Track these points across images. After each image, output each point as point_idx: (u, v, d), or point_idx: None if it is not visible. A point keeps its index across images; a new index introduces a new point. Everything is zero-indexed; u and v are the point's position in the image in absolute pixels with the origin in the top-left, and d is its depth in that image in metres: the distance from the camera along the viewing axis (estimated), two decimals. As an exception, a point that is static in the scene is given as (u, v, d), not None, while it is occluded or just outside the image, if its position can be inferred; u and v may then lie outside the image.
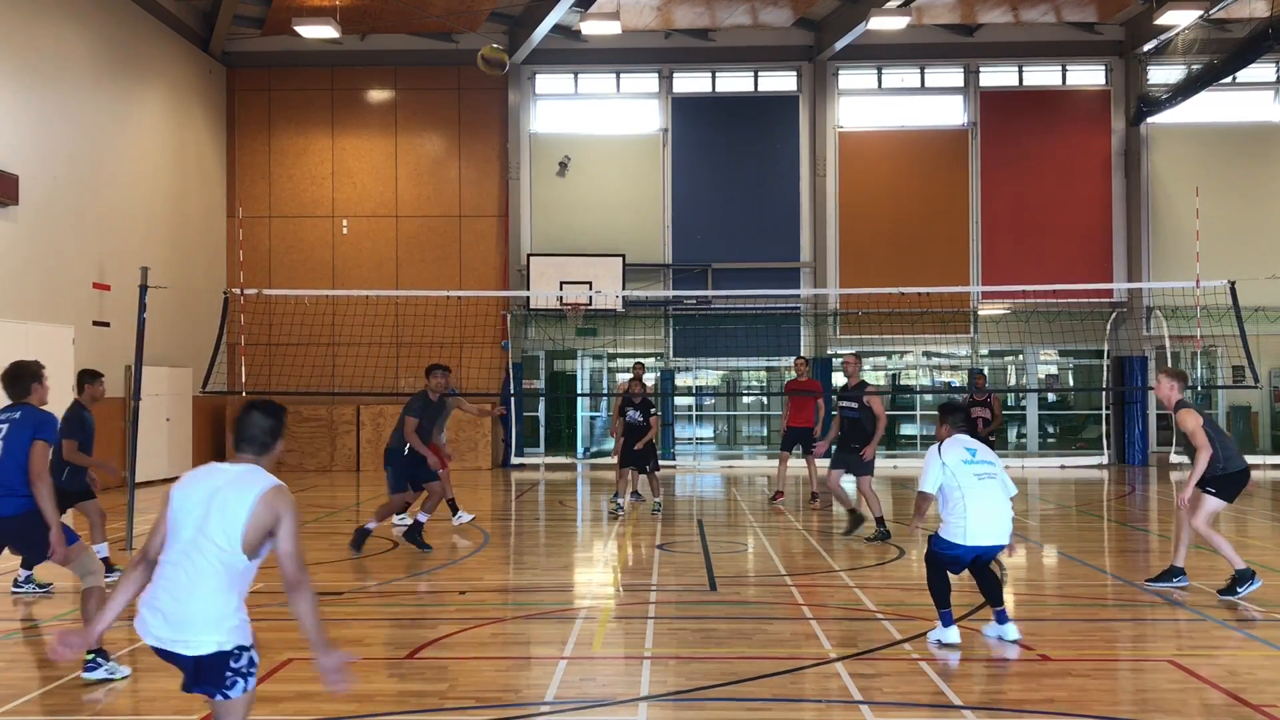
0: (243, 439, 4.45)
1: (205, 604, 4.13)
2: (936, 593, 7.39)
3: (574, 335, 24.56)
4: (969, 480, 7.32)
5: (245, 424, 4.45)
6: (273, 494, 4.25)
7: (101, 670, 6.51)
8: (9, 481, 6.62)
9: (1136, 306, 24.30)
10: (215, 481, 4.28)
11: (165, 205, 21.54)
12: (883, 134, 25.25)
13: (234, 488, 4.24)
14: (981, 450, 7.55)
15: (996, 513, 7.30)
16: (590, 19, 22.26)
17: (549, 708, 6.02)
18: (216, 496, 4.22)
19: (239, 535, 4.17)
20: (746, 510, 15.44)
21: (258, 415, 4.46)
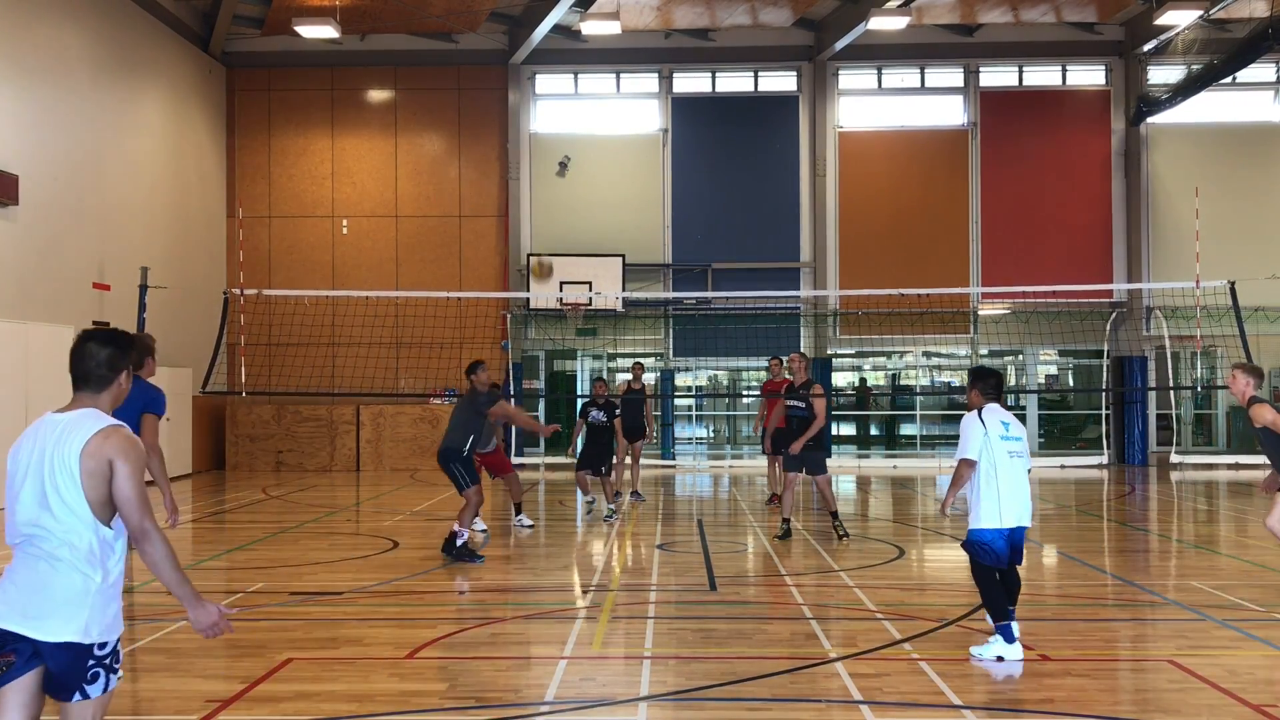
0: (79, 375, 3.95)
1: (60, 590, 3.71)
2: (992, 601, 6.98)
3: (574, 335, 24.56)
4: (1002, 456, 7.03)
5: (81, 357, 3.94)
6: (100, 437, 3.77)
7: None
8: None
9: (1136, 306, 24.30)
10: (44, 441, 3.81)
11: (165, 205, 21.54)
12: (883, 134, 25.25)
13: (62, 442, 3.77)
14: (1014, 424, 7.24)
15: (1024, 492, 7.08)
16: (590, 19, 22.27)
17: (549, 708, 6.02)
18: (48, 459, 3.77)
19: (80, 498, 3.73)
20: (746, 510, 15.44)
21: (94, 346, 3.95)
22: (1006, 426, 7.13)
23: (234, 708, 5.97)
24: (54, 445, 3.77)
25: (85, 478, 3.73)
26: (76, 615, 3.69)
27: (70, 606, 3.69)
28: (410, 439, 22.80)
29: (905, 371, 27.39)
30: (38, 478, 3.77)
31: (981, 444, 7.05)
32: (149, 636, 7.64)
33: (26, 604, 3.69)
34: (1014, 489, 7.03)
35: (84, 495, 3.73)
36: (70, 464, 3.73)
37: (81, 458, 3.73)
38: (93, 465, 3.74)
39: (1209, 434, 25.78)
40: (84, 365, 3.94)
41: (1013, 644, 6.88)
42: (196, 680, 6.57)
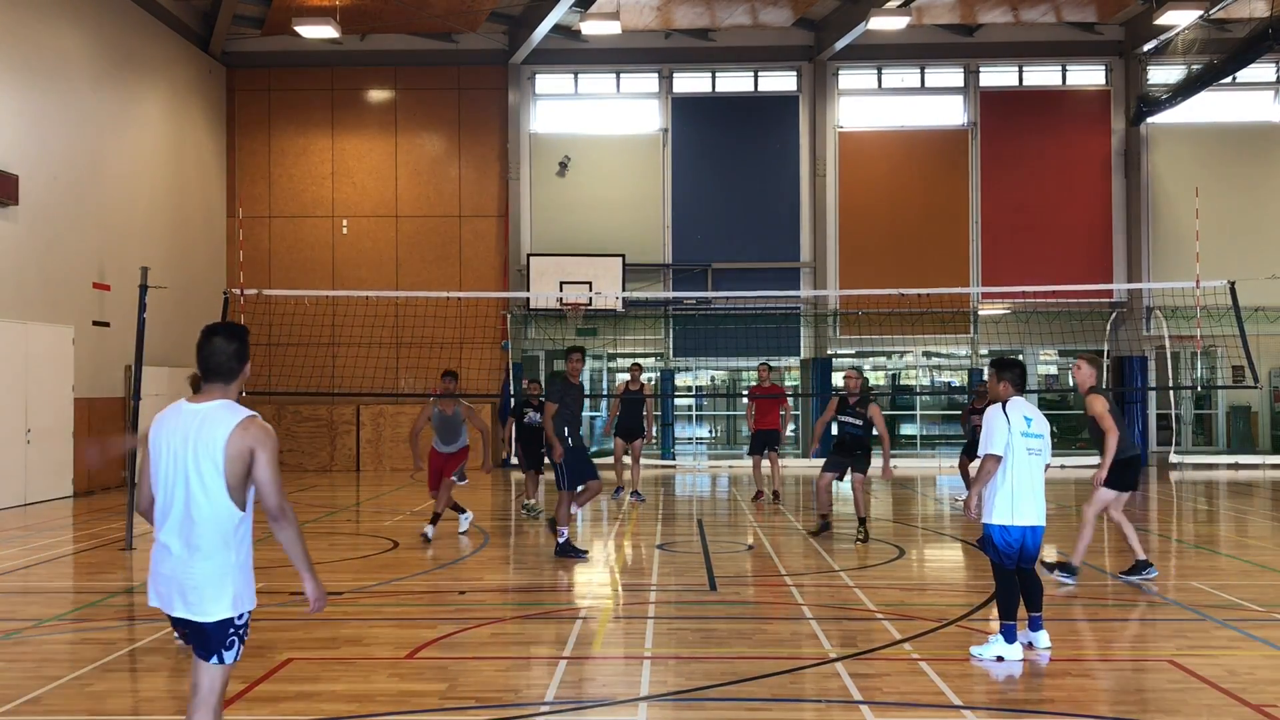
0: (208, 368, 4.27)
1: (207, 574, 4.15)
2: (1005, 601, 6.99)
3: (574, 335, 24.55)
4: (1020, 454, 6.94)
5: (208, 351, 4.25)
6: (241, 428, 4.14)
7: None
8: None
9: (1136, 306, 24.30)
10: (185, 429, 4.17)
11: (165, 205, 21.54)
12: (883, 134, 25.25)
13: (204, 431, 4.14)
14: (1038, 420, 7.11)
15: (1039, 491, 7.00)
16: (590, 19, 22.26)
17: (549, 708, 6.02)
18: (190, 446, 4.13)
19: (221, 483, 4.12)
20: (746, 510, 15.43)
21: (220, 340, 4.26)
22: (1029, 422, 7.03)
23: (234, 708, 5.97)
24: (196, 434, 4.14)
25: (227, 464, 4.11)
26: (224, 594, 4.16)
27: (217, 588, 4.15)
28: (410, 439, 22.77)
29: (905, 371, 27.38)
30: (180, 464, 4.16)
31: (1007, 436, 6.94)
32: (149, 636, 7.64)
33: (183, 592, 4.15)
34: (1028, 487, 6.96)
35: (224, 481, 4.12)
36: (215, 452, 4.11)
37: (225, 446, 4.11)
38: (234, 453, 4.12)
39: (1209, 434, 25.78)
40: (214, 359, 4.25)
41: (1013, 644, 6.90)
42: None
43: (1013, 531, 6.95)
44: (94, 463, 10.06)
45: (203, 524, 4.14)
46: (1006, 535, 6.96)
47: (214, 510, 4.14)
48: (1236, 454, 23.93)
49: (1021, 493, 6.93)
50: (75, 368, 17.63)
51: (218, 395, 4.26)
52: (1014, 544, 6.98)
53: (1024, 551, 7.04)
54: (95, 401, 18.28)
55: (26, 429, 16.26)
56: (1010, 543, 6.97)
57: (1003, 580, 7.07)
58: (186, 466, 4.14)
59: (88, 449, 10.16)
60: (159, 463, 4.21)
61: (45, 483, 16.75)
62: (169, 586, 4.19)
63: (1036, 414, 7.15)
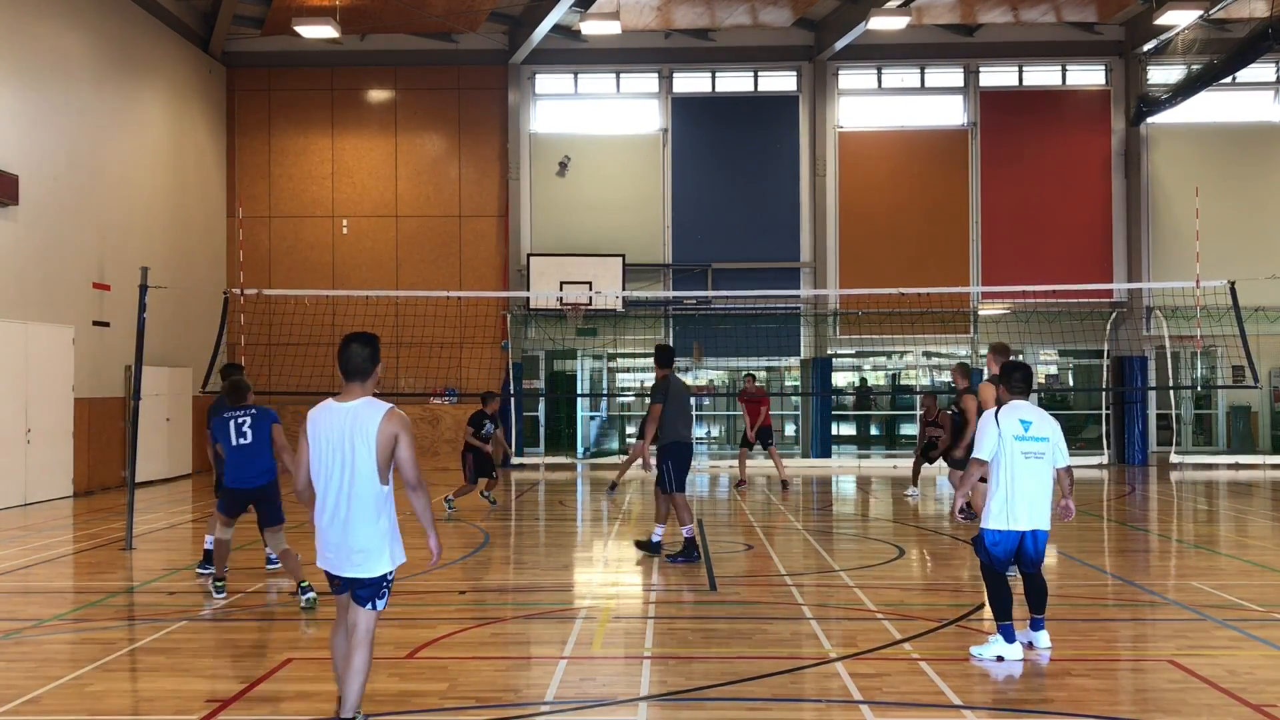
0: (348, 371, 5.20)
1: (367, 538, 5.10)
2: (997, 602, 6.95)
3: (574, 335, 24.56)
4: (1016, 458, 6.87)
5: (348, 356, 5.21)
6: (386, 418, 5.09)
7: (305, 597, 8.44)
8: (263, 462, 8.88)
9: (1136, 306, 24.30)
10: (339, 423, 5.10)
11: (165, 205, 21.53)
12: (883, 134, 25.25)
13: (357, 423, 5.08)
14: (1038, 424, 6.97)
15: (1038, 495, 6.92)
16: (590, 19, 22.26)
17: (549, 708, 6.02)
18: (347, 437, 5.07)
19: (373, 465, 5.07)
20: (746, 510, 15.43)
21: (356, 347, 5.23)
22: (1026, 426, 6.93)
23: (234, 708, 5.98)
24: (351, 425, 5.09)
25: (378, 448, 5.06)
26: (383, 553, 5.15)
27: (378, 549, 5.14)
28: (410, 439, 22.77)
29: (905, 371, 27.38)
30: (339, 451, 5.09)
31: (995, 444, 6.93)
32: (149, 636, 7.64)
33: (350, 555, 5.11)
34: (1025, 491, 6.88)
35: (375, 462, 5.06)
36: (368, 439, 5.06)
37: (377, 433, 5.06)
38: (383, 439, 5.07)
39: (1209, 434, 25.78)
40: (352, 362, 5.23)
41: (1013, 644, 6.90)
42: (196, 680, 6.57)
43: (1009, 535, 6.94)
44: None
45: (361, 499, 5.07)
46: (998, 539, 6.96)
47: (369, 487, 5.06)
48: (1236, 454, 23.93)
49: (1017, 497, 6.89)
50: (75, 368, 17.63)
51: (358, 393, 5.20)
52: (1008, 548, 6.96)
53: (1024, 555, 7.04)
54: (95, 401, 18.28)
55: (26, 429, 16.26)
56: (1002, 547, 6.96)
57: (992, 582, 7.05)
58: (344, 453, 5.06)
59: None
60: (319, 452, 5.13)
61: (45, 483, 16.74)
62: (338, 552, 5.13)
63: (1038, 416, 7.04)
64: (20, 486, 16.12)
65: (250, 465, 8.93)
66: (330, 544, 5.15)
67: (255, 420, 8.98)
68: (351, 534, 5.10)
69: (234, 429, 8.95)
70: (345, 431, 5.08)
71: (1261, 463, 22.97)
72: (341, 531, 5.10)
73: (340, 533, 5.10)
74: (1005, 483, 6.91)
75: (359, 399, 5.18)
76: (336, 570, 5.17)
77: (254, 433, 8.94)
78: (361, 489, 5.08)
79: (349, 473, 5.08)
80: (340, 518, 5.10)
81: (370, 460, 5.06)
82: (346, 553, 5.12)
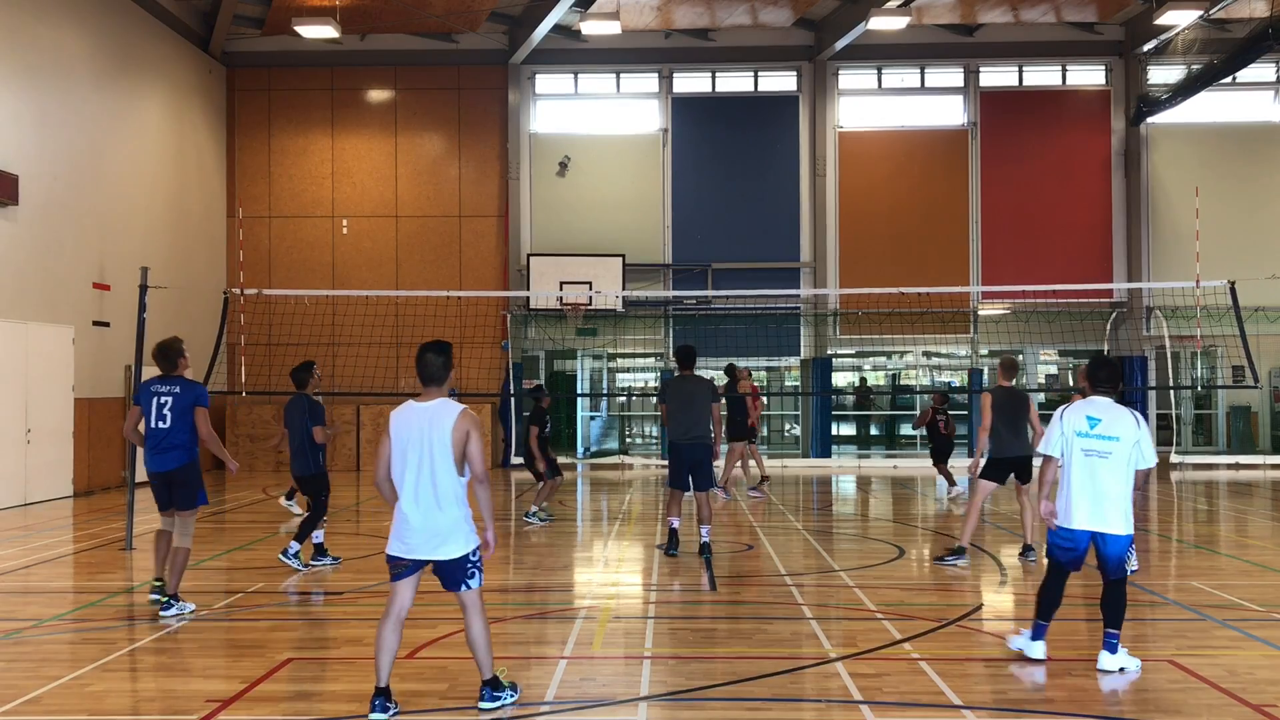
0: (426, 377, 5.83)
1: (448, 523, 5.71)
2: (1042, 598, 6.91)
3: (574, 335, 24.56)
4: (1075, 454, 6.75)
5: (425, 364, 5.83)
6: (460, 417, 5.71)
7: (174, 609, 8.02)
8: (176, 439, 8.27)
9: (1136, 306, 24.30)
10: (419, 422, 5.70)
11: (165, 205, 21.54)
12: (883, 134, 25.24)
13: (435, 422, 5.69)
14: (1108, 421, 6.76)
15: (1097, 492, 6.68)
16: (590, 19, 22.25)
17: (549, 708, 6.02)
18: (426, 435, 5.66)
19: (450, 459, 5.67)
20: (746, 510, 15.43)
21: (431, 355, 5.84)
22: (1092, 424, 6.78)
23: (234, 708, 5.98)
24: (430, 424, 5.71)
25: (454, 445, 5.69)
26: (461, 537, 5.75)
27: (456, 533, 5.73)
28: (410, 439, 22.77)
29: (905, 371, 27.38)
30: (420, 446, 5.69)
31: (1059, 440, 6.87)
32: (149, 636, 7.64)
33: (432, 539, 5.71)
34: (1084, 489, 6.72)
35: (452, 456, 5.68)
36: (445, 436, 5.69)
37: (452, 431, 5.69)
38: (458, 436, 5.70)
39: (1209, 434, 25.78)
40: (429, 369, 5.85)
41: (1036, 643, 6.88)
42: (196, 680, 6.57)
43: (1072, 534, 6.77)
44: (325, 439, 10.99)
45: (442, 489, 5.68)
46: (1056, 539, 6.86)
47: (448, 478, 5.67)
48: (1236, 454, 23.93)
49: (1077, 494, 6.73)
50: (75, 368, 17.63)
51: (435, 395, 5.83)
52: (1070, 544, 6.81)
53: (1100, 559, 6.81)
54: (95, 401, 18.28)
55: (26, 429, 16.26)
56: (1065, 542, 6.82)
57: (1049, 575, 6.95)
58: (423, 448, 5.67)
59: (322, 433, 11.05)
60: (404, 447, 5.71)
61: (45, 483, 16.75)
62: (419, 538, 5.69)
63: (1111, 414, 6.82)
64: (20, 486, 16.12)
65: (163, 447, 8.22)
66: (414, 530, 5.69)
67: (177, 400, 8.18)
68: (435, 520, 5.67)
69: (155, 407, 8.24)
70: (425, 429, 5.70)
71: (1261, 463, 22.96)
72: (425, 518, 5.67)
73: (424, 519, 5.67)
74: (1068, 480, 6.82)
75: (435, 400, 5.80)
76: (420, 554, 5.72)
77: (173, 415, 8.17)
78: (441, 479, 5.67)
79: (429, 465, 5.67)
80: (424, 506, 5.67)
81: (447, 454, 5.67)
82: (430, 537, 5.69)
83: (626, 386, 26.98)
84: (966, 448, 22.32)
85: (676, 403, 11.03)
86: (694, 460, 10.98)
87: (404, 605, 5.81)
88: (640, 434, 26.98)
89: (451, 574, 5.77)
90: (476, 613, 5.83)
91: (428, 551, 5.72)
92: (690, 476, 11.02)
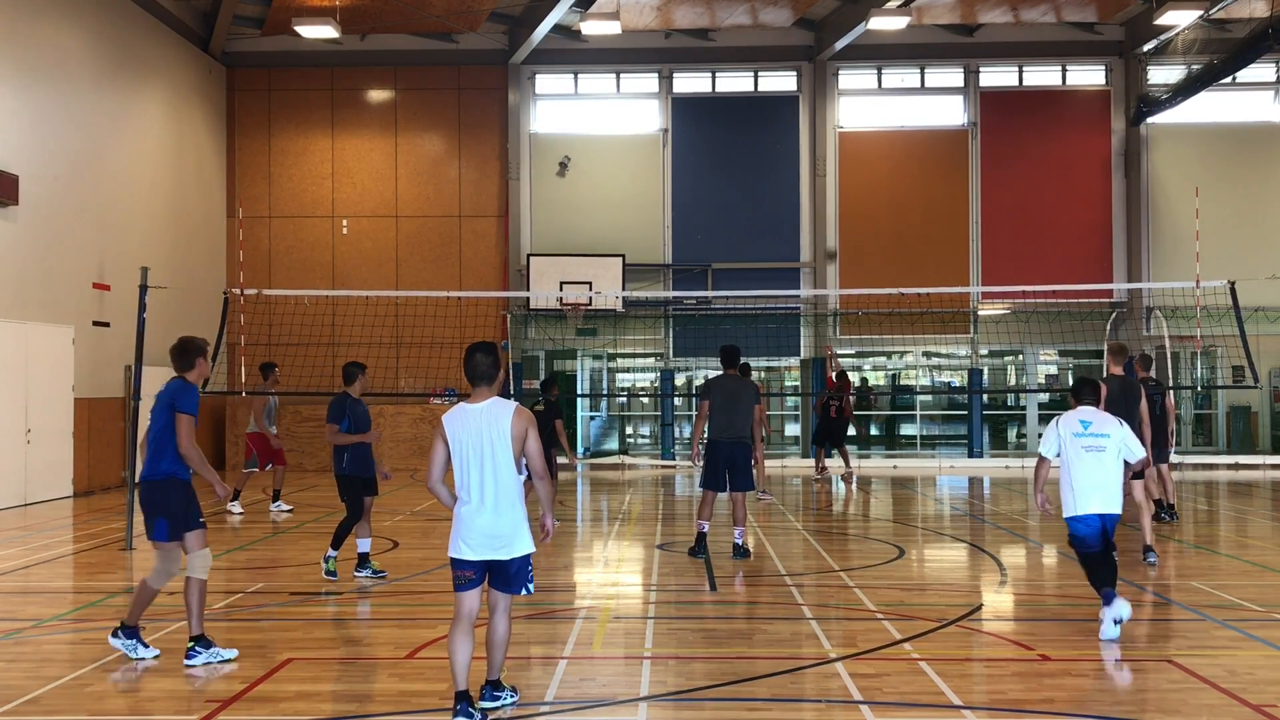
0: (475, 377, 5.76)
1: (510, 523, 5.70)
2: (1095, 578, 7.71)
3: (574, 335, 24.56)
4: (1076, 451, 7.80)
5: (474, 364, 5.76)
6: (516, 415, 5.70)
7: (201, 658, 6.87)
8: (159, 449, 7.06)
9: (1136, 306, 24.30)
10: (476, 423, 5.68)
11: (165, 205, 21.54)
12: (883, 134, 25.24)
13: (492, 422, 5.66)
14: (1099, 423, 7.89)
15: (1101, 481, 7.76)
16: (590, 19, 22.25)
17: (549, 708, 6.02)
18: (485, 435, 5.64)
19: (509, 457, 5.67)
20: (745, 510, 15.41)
21: (480, 356, 5.78)
22: (1085, 426, 7.88)
23: (234, 708, 5.98)
24: (487, 424, 5.67)
25: (513, 442, 5.67)
26: (524, 535, 5.73)
27: (519, 533, 5.71)
28: (410, 439, 22.79)
29: (905, 371, 27.38)
30: (479, 447, 5.66)
31: (1055, 443, 7.92)
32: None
33: (493, 539, 5.67)
34: (1088, 479, 7.76)
35: (510, 455, 5.66)
36: (504, 434, 5.66)
37: (510, 429, 5.66)
38: (515, 433, 5.68)
39: (1209, 434, 25.78)
40: (478, 369, 5.78)
41: (1114, 603, 7.45)
42: (196, 680, 6.57)
43: (1083, 519, 7.76)
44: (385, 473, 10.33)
45: (503, 488, 5.66)
46: (1077, 524, 7.80)
47: (510, 476, 5.67)
48: (1236, 454, 23.92)
49: (1082, 485, 7.77)
50: (75, 368, 17.63)
51: (486, 395, 5.77)
52: (1088, 528, 7.75)
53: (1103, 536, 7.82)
54: (95, 401, 18.28)
55: (26, 429, 16.26)
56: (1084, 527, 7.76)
57: (1086, 561, 7.85)
58: (484, 448, 5.64)
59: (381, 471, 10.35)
60: (464, 450, 5.69)
61: (45, 483, 16.75)
62: (482, 539, 5.66)
63: (1099, 418, 7.95)
64: (20, 486, 16.12)
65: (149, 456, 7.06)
66: (477, 531, 5.66)
67: (161, 401, 7.11)
68: (498, 520, 5.65)
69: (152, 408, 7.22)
70: (483, 429, 5.66)
71: (1261, 463, 22.96)
72: (491, 519, 5.66)
73: (489, 520, 5.66)
74: (1072, 476, 7.83)
75: (488, 400, 5.75)
76: (484, 554, 5.68)
77: (154, 418, 7.09)
78: (504, 479, 5.67)
79: (490, 465, 5.64)
80: (488, 507, 5.65)
81: (508, 453, 5.66)
82: (492, 538, 5.67)
83: (626, 387, 26.99)
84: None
85: (720, 400, 10.95)
86: (732, 459, 10.87)
87: (472, 610, 5.78)
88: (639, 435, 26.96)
89: (513, 576, 5.77)
90: (505, 614, 5.87)
91: (490, 552, 5.69)
92: (727, 476, 10.95)
